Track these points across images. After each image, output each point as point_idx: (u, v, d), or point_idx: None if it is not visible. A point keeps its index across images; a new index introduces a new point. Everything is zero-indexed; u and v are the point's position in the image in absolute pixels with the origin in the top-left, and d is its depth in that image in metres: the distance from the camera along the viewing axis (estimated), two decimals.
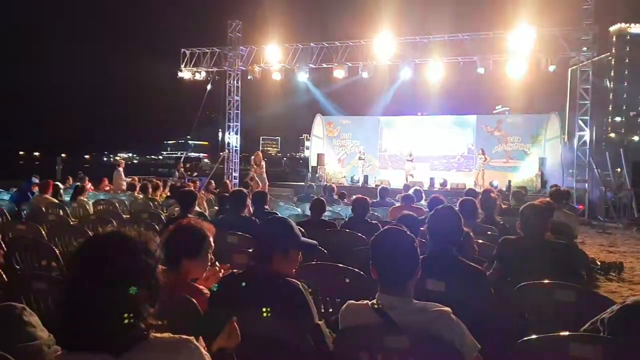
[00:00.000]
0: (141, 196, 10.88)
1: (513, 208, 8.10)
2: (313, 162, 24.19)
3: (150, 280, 1.51)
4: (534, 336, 2.19)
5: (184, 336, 1.53)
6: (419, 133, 24.50)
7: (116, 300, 1.42)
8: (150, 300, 1.50)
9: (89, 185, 11.98)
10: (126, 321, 1.42)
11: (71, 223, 6.83)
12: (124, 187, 14.57)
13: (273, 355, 2.27)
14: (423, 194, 9.17)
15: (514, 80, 19.86)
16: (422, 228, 3.65)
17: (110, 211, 8.53)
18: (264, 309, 2.30)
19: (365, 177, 22.02)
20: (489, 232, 5.42)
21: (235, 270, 2.65)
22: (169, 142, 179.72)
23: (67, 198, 9.57)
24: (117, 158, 27.66)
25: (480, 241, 4.79)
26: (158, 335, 1.50)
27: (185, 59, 22.03)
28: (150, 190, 11.13)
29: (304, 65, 20.34)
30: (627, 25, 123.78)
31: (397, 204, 8.21)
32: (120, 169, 16.25)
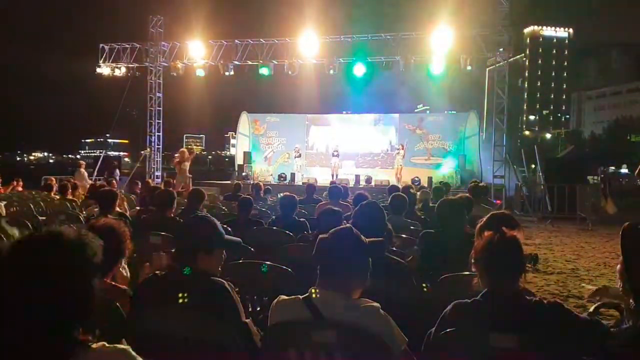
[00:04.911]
0: (58, 197, 10.40)
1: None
2: (239, 160, 23.96)
3: (87, 288, 1.39)
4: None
5: (119, 345, 1.43)
6: (344, 131, 24.78)
7: (39, 313, 1.29)
8: (85, 313, 1.39)
9: None
10: (54, 337, 1.31)
11: None
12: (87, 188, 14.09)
13: (200, 356, 2.22)
14: (349, 191, 9.30)
15: (435, 80, 20.46)
16: (347, 223, 3.69)
17: (25, 213, 8.09)
18: (188, 308, 2.26)
19: (292, 175, 22.03)
20: (412, 227, 5.56)
21: (157, 272, 2.58)
22: (87, 140, 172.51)
23: None
24: (78, 158, 26.72)
25: (404, 236, 4.91)
26: (94, 346, 1.38)
27: (104, 54, 21.28)
28: (69, 190, 10.63)
29: (229, 62, 20.11)
30: (540, 27, 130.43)
31: (324, 201, 8.26)
32: (82, 169, 15.81)
